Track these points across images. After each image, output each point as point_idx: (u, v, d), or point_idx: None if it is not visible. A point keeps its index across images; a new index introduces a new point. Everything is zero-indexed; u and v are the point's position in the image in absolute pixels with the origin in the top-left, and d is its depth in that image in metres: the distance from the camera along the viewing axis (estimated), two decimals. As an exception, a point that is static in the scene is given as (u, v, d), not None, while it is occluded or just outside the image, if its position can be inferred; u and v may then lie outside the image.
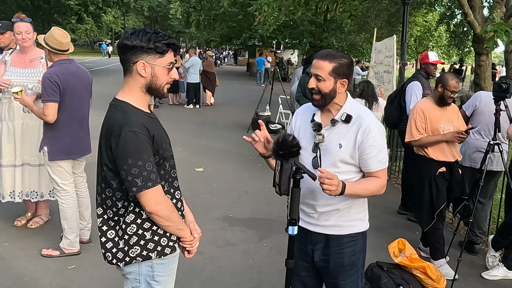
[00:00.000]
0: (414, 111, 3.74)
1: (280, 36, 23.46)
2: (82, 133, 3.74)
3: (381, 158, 2.09)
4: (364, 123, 2.07)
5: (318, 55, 2.10)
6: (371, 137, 2.05)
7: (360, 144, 2.06)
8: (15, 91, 3.60)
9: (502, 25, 4.11)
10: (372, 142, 2.06)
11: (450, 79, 3.62)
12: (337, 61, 2.05)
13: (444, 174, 3.72)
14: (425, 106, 3.71)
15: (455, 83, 3.62)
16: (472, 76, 15.49)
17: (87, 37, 55.76)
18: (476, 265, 3.99)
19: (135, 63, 1.80)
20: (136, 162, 1.73)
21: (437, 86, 3.68)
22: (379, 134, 2.09)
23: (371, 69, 7.50)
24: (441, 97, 3.65)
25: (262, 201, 5.34)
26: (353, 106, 2.14)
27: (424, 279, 3.17)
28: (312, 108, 2.20)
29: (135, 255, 1.86)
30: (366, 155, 2.07)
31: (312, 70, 2.11)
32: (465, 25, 19.89)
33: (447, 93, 3.61)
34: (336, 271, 2.20)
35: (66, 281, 3.39)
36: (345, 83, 2.09)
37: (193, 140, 8.62)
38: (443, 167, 3.71)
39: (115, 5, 31.18)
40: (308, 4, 17.36)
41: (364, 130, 2.06)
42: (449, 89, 3.60)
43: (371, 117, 2.12)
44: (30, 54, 4.03)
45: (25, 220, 4.35)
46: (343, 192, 1.96)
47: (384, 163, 2.11)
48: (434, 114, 3.68)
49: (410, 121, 3.76)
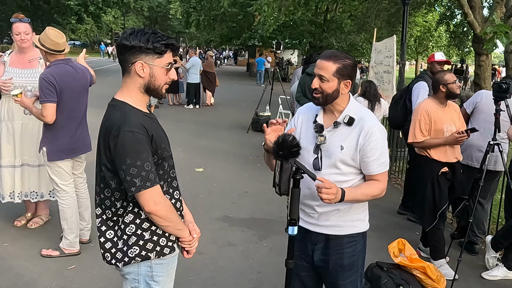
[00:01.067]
0: (419, 112, 3.72)
1: (280, 36, 23.47)
2: (81, 132, 3.73)
3: (382, 161, 2.10)
4: (366, 125, 2.07)
5: (322, 56, 2.10)
6: (373, 140, 2.06)
7: (361, 147, 2.06)
8: (15, 93, 3.59)
9: (502, 27, 4.12)
10: (373, 145, 2.06)
11: (443, 75, 3.71)
12: (341, 61, 2.05)
13: (446, 174, 3.73)
14: (429, 107, 3.70)
15: (450, 75, 3.70)
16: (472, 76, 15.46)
17: (87, 37, 55.77)
18: (476, 265, 3.99)
19: (133, 63, 1.79)
20: (134, 162, 1.73)
21: (438, 88, 3.68)
22: (380, 137, 2.09)
23: (371, 69, 7.50)
24: (449, 93, 3.67)
25: (262, 201, 5.34)
26: (356, 108, 2.14)
27: (424, 279, 3.17)
28: (315, 108, 2.19)
29: (134, 255, 1.86)
30: (367, 158, 2.07)
31: (316, 70, 2.10)
32: (465, 25, 19.88)
33: (452, 86, 3.65)
34: (336, 271, 2.20)
35: (66, 281, 3.39)
36: (349, 84, 2.09)
37: (193, 140, 8.62)
38: (446, 167, 3.71)
39: (115, 5, 31.21)
40: (308, 4, 17.36)
41: (366, 133, 2.06)
42: (450, 82, 3.63)
43: (373, 120, 2.12)
44: (29, 54, 4.03)
45: (25, 220, 4.35)
46: (342, 199, 1.97)
47: (385, 166, 2.12)
48: (438, 115, 3.68)
49: (414, 121, 3.75)
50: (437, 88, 3.70)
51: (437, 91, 3.72)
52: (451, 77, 3.67)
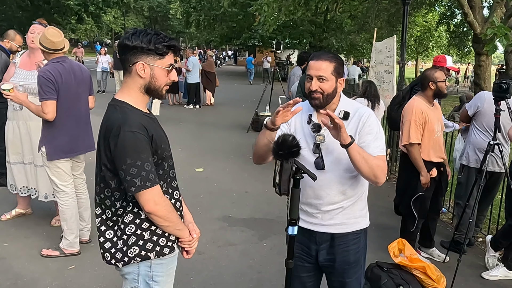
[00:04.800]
0: (412, 112, 3.67)
1: (280, 36, 23.47)
2: (80, 131, 3.71)
3: (378, 145, 2.09)
4: (361, 113, 2.12)
5: (316, 57, 2.11)
6: (368, 125, 2.09)
7: (359, 133, 2.09)
8: (6, 88, 3.42)
9: (502, 28, 4.12)
10: (369, 130, 2.08)
11: (434, 72, 3.72)
12: (335, 60, 2.10)
13: (435, 177, 3.79)
14: (422, 107, 3.69)
15: (440, 73, 3.71)
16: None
17: (87, 37, 55.73)
18: (476, 265, 3.99)
19: (134, 63, 1.79)
20: (134, 162, 1.73)
21: (427, 85, 3.68)
22: (375, 122, 2.12)
23: (371, 69, 7.49)
24: (437, 92, 3.68)
25: (262, 201, 5.34)
26: (348, 102, 2.19)
27: (424, 279, 3.17)
28: (307, 109, 2.19)
29: (133, 255, 1.86)
30: (363, 142, 2.08)
31: (313, 72, 2.09)
32: (465, 25, 19.91)
33: (441, 85, 3.67)
34: (342, 269, 2.21)
35: (66, 281, 3.39)
36: (343, 81, 2.14)
37: (193, 140, 8.62)
38: (434, 170, 3.76)
39: (115, 5, 31.23)
40: (308, 4, 17.38)
41: (362, 119, 2.10)
42: (440, 80, 3.65)
43: (367, 109, 2.17)
44: (37, 56, 4.07)
45: (11, 215, 4.41)
46: (350, 143, 1.94)
47: (381, 150, 2.09)
48: (429, 115, 3.69)
49: (408, 122, 3.69)
50: (426, 85, 3.69)
51: (425, 88, 3.71)
52: (441, 75, 3.68)
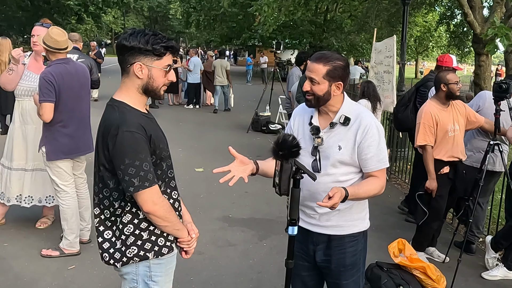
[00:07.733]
0: (422, 115, 3.73)
1: (280, 36, 23.49)
2: (82, 132, 3.72)
3: (381, 158, 2.08)
4: (363, 123, 2.06)
5: (313, 58, 2.08)
6: (369, 137, 2.05)
7: (359, 144, 2.06)
8: None
9: (503, 29, 4.12)
10: (370, 142, 2.05)
11: (446, 74, 3.71)
12: (332, 63, 2.03)
13: (448, 174, 3.74)
14: (432, 109, 3.70)
15: (452, 75, 3.70)
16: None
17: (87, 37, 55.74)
18: (476, 265, 3.99)
19: (132, 64, 1.79)
20: (133, 162, 1.73)
21: (439, 87, 3.69)
22: (377, 134, 2.08)
23: (371, 69, 7.49)
24: (449, 94, 3.67)
25: (262, 201, 5.34)
26: (351, 107, 2.13)
27: (424, 279, 3.17)
28: (309, 110, 2.19)
29: (132, 255, 1.86)
30: (365, 155, 2.06)
31: (307, 72, 2.09)
32: (465, 25, 19.88)
33: (453, 87, 3.65)
34: (338, 271, 2.20)
35: (66, 281, 3.39)
36: (341, 85, 2.07)
37: (193, 140, 8.62)
38: (447, 167, 3.72)
39: (115, 5, 31.21)
40: (308, 5, 17.36)
41: (363, 130, 2.05)
42: (452, 82, 3.64)
43: (369, 117, 2.11)
44: (41, 59, 4.05)
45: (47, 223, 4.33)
46: (346, 197, 1.94)
47: (383, 163, 2.09)
48: (441, 117, 3.69)
49: (418, 124, 3.74)
50: (438, 86, 3.71)
51: (438, 90, 3.73)
52: (453, 77, 3.67)
